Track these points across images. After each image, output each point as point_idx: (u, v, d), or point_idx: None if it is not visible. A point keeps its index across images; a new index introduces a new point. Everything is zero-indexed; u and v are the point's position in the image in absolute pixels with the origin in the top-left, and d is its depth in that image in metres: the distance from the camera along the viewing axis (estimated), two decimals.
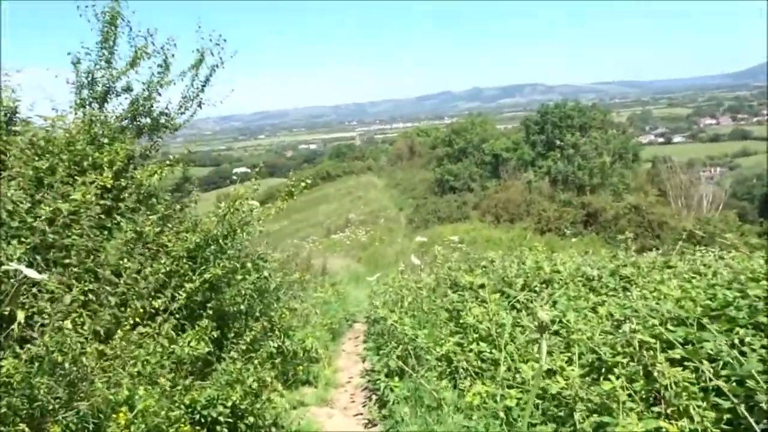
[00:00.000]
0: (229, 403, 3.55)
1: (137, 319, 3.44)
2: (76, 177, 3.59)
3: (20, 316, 2.57)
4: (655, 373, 2.54)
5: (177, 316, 3.73)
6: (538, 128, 40.09)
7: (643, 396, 2.64)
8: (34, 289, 2.84)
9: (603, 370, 2.96)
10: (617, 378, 2.60)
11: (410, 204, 44.22)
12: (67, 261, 3.30)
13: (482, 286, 4.75)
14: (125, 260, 3.57)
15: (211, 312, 3.93)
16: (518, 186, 35.45)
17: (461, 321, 4.37)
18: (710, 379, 2.32)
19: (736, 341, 2.45)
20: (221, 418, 3.52)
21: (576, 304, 3.91)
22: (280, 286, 5.67)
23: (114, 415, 2.87)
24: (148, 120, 4.74)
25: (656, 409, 2.50)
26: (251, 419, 3.78)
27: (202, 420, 3.48)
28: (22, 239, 3.09)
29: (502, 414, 3.10)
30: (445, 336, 4.24)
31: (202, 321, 3.74)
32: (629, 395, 2.56)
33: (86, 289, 3.15)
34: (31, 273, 2.45)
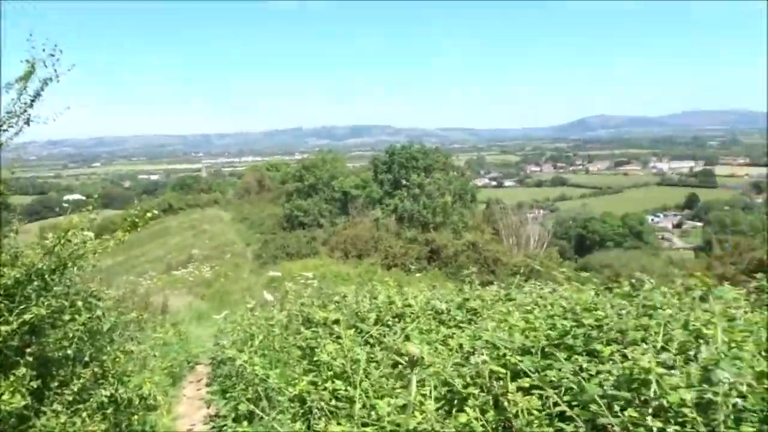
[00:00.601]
0: None
1: None
2: None
3: None
4: (506, 403, 2.63)
5: None
6: (385, 167, 41.58)
7: (494, 426, 2.71)
8: None
9: (456, 401, 3.01)
10: (472, 409, 2.65)
11: (258, 239, 43.27)
12: None
13: (336, 321, 4.69)
14: None
15: (30, 359, 3.40)
16: (366, 223, 36.26)
17: (315, 358, 4.25)
18: (556, 404, 2.44)
19: (576, 368, 2.62)
20: None
21: (428, 337, 3.99)
22: (115, 327, 5.13)
23: None
24: None
25: None
26: None
27: None
28: None
29: None
30: (298, 375, 4.09)
31: (19, 369, 3.23)
32: (482, 426, 2.61)
33: None
34: None
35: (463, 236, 32.74)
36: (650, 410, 2.03)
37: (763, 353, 2.34)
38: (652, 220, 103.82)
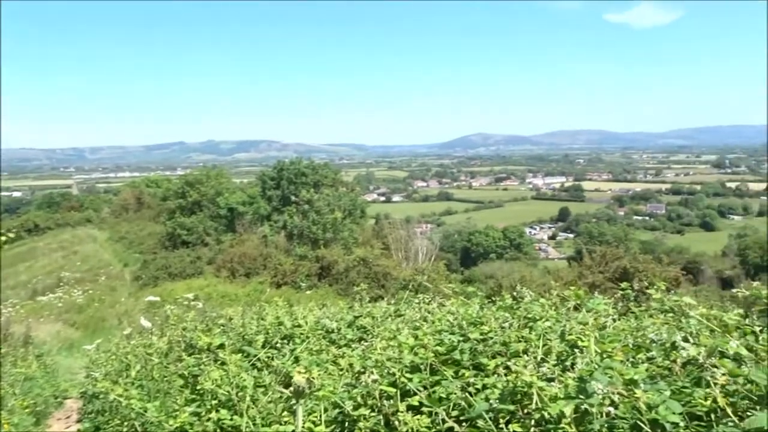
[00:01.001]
0: None
1: None
2: None
3: None
4: (396, 422, 2.61)
5: None
6: (274, 183, 40.96)
7: None
8: None
9: (347, 423, 2.96)
10: (362, 431, 2.61)
11: (137, 259, 40.90)
12: None
13: (221, 346, 4.48)
14: None
15: None
16: (254, 240, 35.42)
17: (198, 387, 4.02)
18: (444, 421, 2.46)
19: (463, 383, 2.66)
20: None
21: (318, 358, 3.91)
22: None
23: None
24: None
25: None
26: None
27: None
28: None
29: None
30: (180, 406, 3.84)
31: None
32: None
33: None
34: None
35: (354, 252, 32.89)
36: (533, 423, 2.10)
37: (631, 359, 2.51)
38: (530, 232, 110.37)
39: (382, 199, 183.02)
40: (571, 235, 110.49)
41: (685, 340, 2.38)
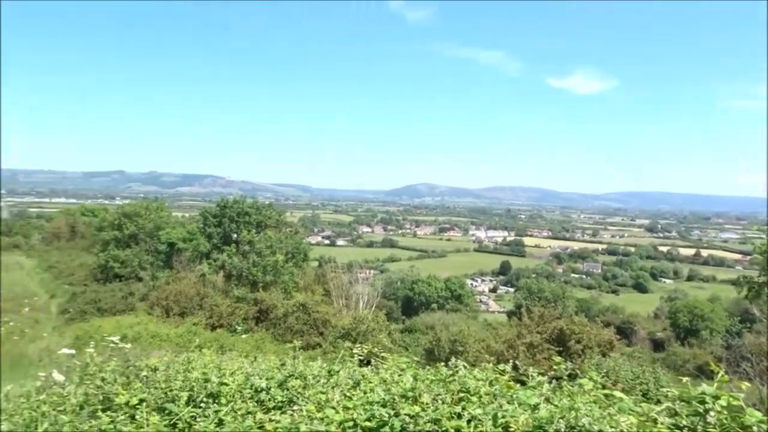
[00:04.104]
0: None
1: None
2: None
3: None
4: None
5: None
6: (216, 221, 40.06)
7: None
8: None
9: None
10: None
11: (66, 291, 38.92)
12: None
13: (141, 401, 4.22)
14: None
15: None
16: (191, 278, 34.33)
17: None
18: None
19: None
20: None
21: (242, 425, 3.72)
22: None
23: None
24: None
25: None
26: None
27: None
28: None
29: None
30: None
31: None
32: None
33: None
34: None
35: (294, 296, 32.29)
36: None
37: None
38: (472, 284, 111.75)
39: (327, 242, 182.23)
40: (512, 289, 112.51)
41: None
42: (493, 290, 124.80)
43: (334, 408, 3.29)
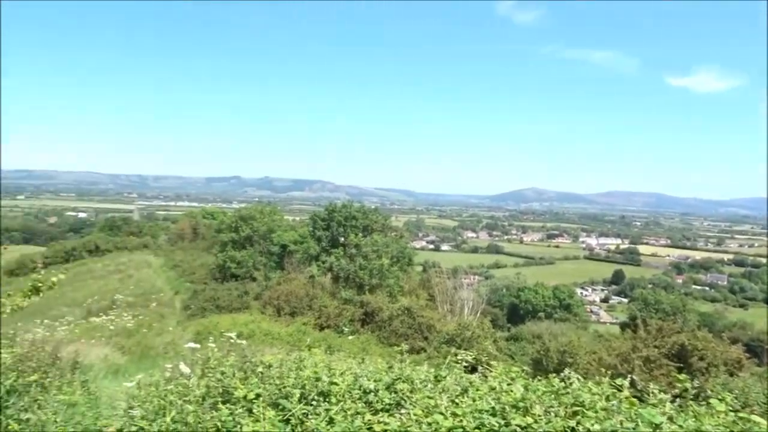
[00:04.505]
0: None
1: None
2: None
3: None
4: None
5: None
6: (324, 224, 41.35)
7: None
8: None
9: None
10: None
11: (188, 288, 41.74)
12: None
13: (258, 396, 4.44)
14: None
15: None
16: (301, 279, 35.63)
17: None
18: None
19: None
20: None
21: (351, 424, 3.80)
22: (13, 391, 4.66)
23: None
24: None
25: None
26: None
27: None
28: None
29: None
30: None
31: None
32: None
33: None
34: None
35: (399, 300, 32.58)
36: None
37: None
38: (581, 293, 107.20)
39: (431, 246, 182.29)
40: (625, 300, 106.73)
41: None
42: (605, 300, 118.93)
43: (442, 414, 3.27)
